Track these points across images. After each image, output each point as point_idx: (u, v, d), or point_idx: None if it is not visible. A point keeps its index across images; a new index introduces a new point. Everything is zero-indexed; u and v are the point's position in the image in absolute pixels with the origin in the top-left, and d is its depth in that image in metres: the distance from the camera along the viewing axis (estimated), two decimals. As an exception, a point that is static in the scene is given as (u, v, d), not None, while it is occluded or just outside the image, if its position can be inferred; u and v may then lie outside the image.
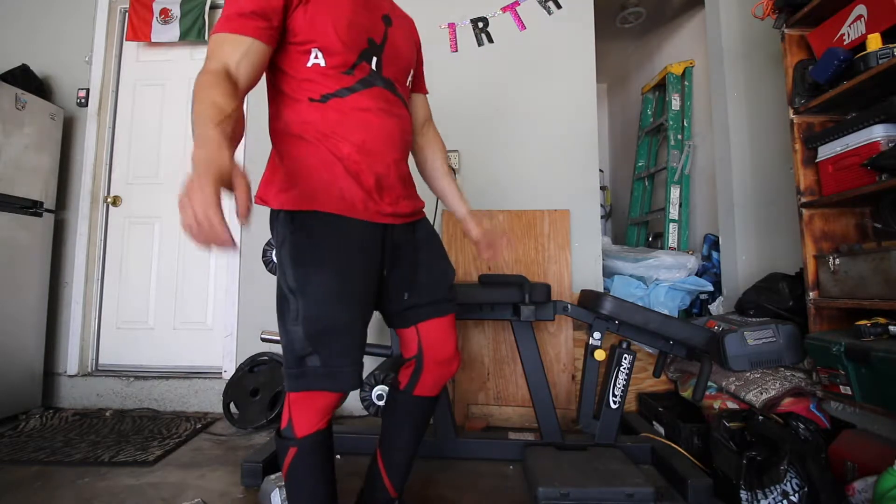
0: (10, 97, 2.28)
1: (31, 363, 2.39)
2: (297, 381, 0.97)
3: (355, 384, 0.99)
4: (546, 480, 1.41)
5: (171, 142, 2.76)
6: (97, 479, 1.64)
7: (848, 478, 1.36)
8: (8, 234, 2.27)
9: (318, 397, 0.99)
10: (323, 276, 0.96)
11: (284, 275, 0.98)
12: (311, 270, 0.96)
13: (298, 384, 0.97)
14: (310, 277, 0.96)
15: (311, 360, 0.96)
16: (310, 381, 0.97)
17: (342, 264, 0.98)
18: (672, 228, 3.11)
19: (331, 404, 1.01)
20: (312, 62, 0.98)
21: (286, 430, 1.00)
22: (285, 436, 1.01)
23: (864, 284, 1.49)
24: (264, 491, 1.41)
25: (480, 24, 2.61)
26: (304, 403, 0.99)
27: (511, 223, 2.38)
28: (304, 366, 0.97)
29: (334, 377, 0.97)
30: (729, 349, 1.65)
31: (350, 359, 0.98)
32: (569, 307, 1.82)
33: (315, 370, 0.96)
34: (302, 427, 0.99)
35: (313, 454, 1.01)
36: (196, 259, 2.68)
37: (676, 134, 3.22)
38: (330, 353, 0.96)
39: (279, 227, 1.00)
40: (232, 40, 0.90)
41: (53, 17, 2.79)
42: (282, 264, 0.99)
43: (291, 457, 1.00)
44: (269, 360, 2.39)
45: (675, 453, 1.66)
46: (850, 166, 1.56)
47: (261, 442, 1.98)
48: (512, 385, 2.23)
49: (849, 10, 1.59)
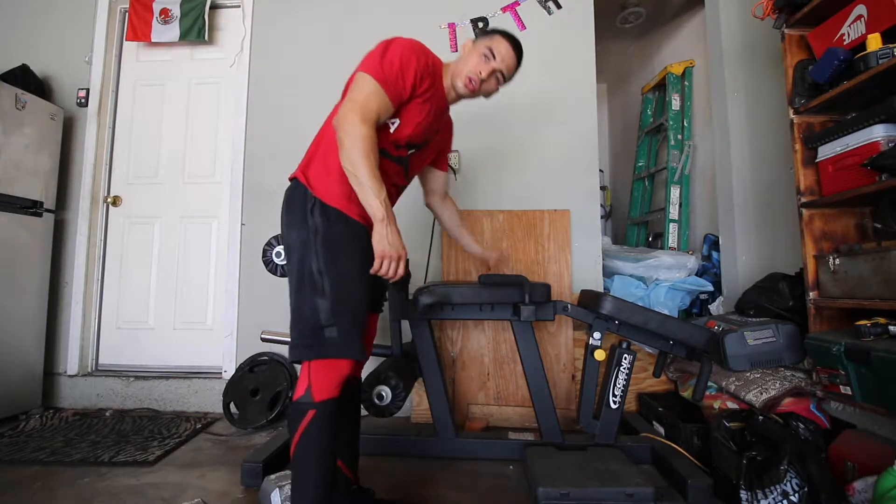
0: (10, 97, 2.28)
1: (31, 363, 2.39)
2: (317, 350, 1.14)
3: (362, 353, 1.20)
4: (546, 480, 1.41)
5: (171, 142, 2.76)
6: (97, 479, 1.64)
7: (848, 478, 1.36)
8: (8, 234, 2.27)
9: (335, 366, 1.15)
10: (348, 263, 1.18)
11: (315, 256, 1.16)
12: (339, 257, 1.18)
13: (320, 352, 1.14)
14: (338, 263, 1.17)
15: (328, 332, 1.14)
16: (328, 349, 1.14)
17: (360, 257, 1.20)
18: (672, 228, 3.11)
19: (344, 374, 1.17)
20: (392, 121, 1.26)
21: (304, 396, 1.13)
22: (303, 401, 1.13)
23: (864, 284, 1.49)
24: (264, 491, 1.41)
25: (480, 24, 2.61)
26: (324, 371, 1.14)
27: (511, 223, 2.38)
28: (321, 336, 1.14)
29: (347, 346, 1.15)
30: (729, 349, 1.65)
31: (358, 330, 1.18)
32: (569, 307, 1.82)
33: (332, 340, 1.14)
34: (320, 392, 1.13)
35: (328, 418, 1.14)
36: (196, 259, 2.68)
37: (676, 134, 3.22)
38: (345, 324, 1.15)
39: (315, 214, 1.19)
40: (382, 95, 1.17)
41: (54, 17, 2.79)
42: (309, 246, 1.17)
43: (309, 419, 1.12)
44: (269, 360, 2.39)
45: (675, 453, 1.66)
46: (850, 166, 1.56)
47: (261, 442, 1.98)
48: (512, 385, 2.23)
49: (849, 10, 1.59)
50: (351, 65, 1.25)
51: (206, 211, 2.70)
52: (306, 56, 2.67)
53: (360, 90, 1.16)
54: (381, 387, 1.60)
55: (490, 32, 1.38)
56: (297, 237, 1.19)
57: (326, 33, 2.67)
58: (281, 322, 2.35)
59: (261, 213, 2.59)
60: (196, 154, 2.75)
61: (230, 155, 2.67)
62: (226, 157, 2.70)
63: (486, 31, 1.40)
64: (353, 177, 1.12)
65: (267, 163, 2.62)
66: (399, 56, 1.19)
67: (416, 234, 2.32)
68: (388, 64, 1.18)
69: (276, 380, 2.30)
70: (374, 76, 1.16)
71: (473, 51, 1.35)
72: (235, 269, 2.57)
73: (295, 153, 2.58)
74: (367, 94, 1.15)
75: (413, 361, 1.86)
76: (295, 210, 1.21)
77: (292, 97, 2.65)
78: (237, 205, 2.61)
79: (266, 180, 2.60)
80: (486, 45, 1.34)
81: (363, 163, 1.11)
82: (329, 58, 2.65)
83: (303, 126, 2.64)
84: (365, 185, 1.11)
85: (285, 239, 1.23)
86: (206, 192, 2.71)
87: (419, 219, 2.19)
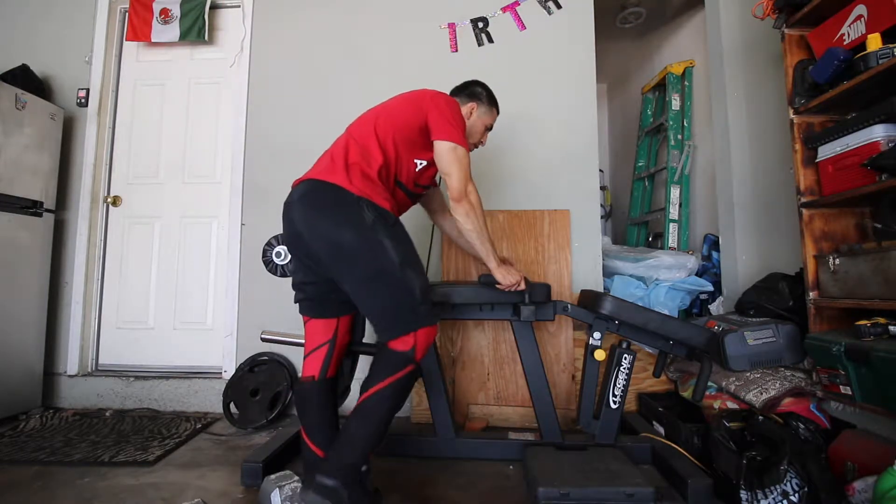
0: (10, 97, 2.28)
1: (31, 363, 2.39)
2: (421, 321, 1.34)
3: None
4: (546, 480, 1.41)
5: (171, 142, 2.76)
6: (97, 479, 1.64)
7: (848, 478, 1.36)
8: (8, 234, 2.27)
9: (432, 333, 1.38)
10: (411, 251, 1.41)
11: (389, 250, 1.33)
12: (408, 249, 1.40)
13: (424, 322, 1.35)
14: (409, 254, 1.39)
15: (423, 308, 1.35)
16: (429, 319, 1.36)
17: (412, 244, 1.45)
18: (672, 228, 3.11)
19: (433, 341, 1.43)
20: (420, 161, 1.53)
21: (409, 352, 1.32)
22: (408, 354, 1.32)
23: (864, 284, 1.49)
24: (264, 491, 1.41)
25: (480, 24, 2.62)
26: (427, 337, 1.36)
27: (511, 223, 2.38)
28: (419, 311, 1.34)
29: (435, 316, 1.41)
30: (729, 349, 1.65)
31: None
32: (569, 307, 1.82)
33: (427, 311, 1.36)
34: (422, 352, 1.35)
35: (415, 377, 1.35)
36: (196, 259, 2.68)
37: (676, 134, 3.22)
38: (429, 299, 1.38)
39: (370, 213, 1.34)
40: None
41: (54, 17, 2.79)
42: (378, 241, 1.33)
43: (406, 372, 1.31)
44: (269, 360, 2.39)
45: (675, 453, 1.66)
46: (850, 166, 1.56)
47: (261, 442, 1.98)
48: (512, 385, 2.23)
49: (849, 10, 1.59)
50: (351, 64, 1.26)
51: (206, 211, 2.70)
52: (306, 56, 2.67)
53: (461, 164, 1.45)
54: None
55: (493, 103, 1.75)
56: (355, 234, 1.31)
57: (326, 33, 2.67)
58: (281, 322, 2.35)
59: (261, 213, 2.59)
60: (196, 154, 2.75)
61: (230, 155, 2.67)
62: (226, 157, 2.70)
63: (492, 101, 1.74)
64: (475, 237, 1.50)
65: (267, 163, 2.62)
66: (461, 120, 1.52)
67: (416, 235, 2.31)
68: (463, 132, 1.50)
69: (276, 380, 2.30)
70: (465, 147, 1.48)
71: (479, 122, 1.71)
72: (235, 269, 2.57)
73: (295, 153, 2.61)
74: (465, 166, 1.46)
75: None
76: (342, 210, 1.33)
77: (292, 97, 2.65)
78: (237, 205, 2.61)
79: (266, 180, 2.61)
80: (489, 122, 1.75)
81: (485, 230, 1.51)
82: (329, 58, 2.65)
83: (302, 126, 2.66)
84: (486, 246, 1.53)
85: (332, 237, 1.32)
86: (206, 192, 2.71)
87: (419, 219, 2.19)
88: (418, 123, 1.46)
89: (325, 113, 2.62)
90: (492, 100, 1.74)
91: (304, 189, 1.40)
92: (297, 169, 2.68)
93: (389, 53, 2.63)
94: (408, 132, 1.46)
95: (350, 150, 1.42)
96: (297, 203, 1.38)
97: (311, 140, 2.64)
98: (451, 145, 1.43)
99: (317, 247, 1.34)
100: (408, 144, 1.48)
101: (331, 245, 1.32)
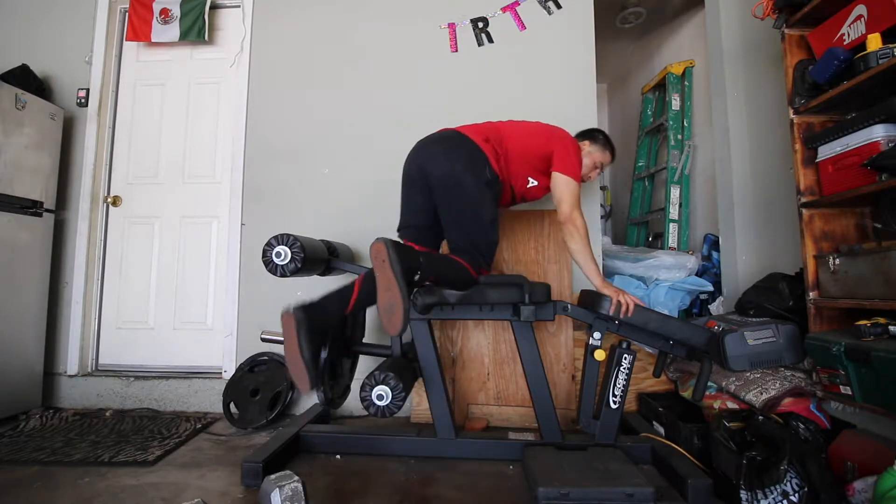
0: (10, 97, 2.28)
1: (31, 363, 2.39)
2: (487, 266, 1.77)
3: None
4: (546, 480, 1.41)
5: (171, 142, 2.76)
6: (97, 479, 1.64)
7: (848, 478, 1.36)
8: (8, 234, 2.27)
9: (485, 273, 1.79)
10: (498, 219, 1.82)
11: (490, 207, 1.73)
12: (497, 213, 1.80)
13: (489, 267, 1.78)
14: (497, 217, 1.79)
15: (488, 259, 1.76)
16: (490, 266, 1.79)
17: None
18: (672, 228, 3.11)
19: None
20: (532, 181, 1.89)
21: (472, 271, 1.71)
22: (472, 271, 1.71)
23: (864, 284, 1.49)
24: (264, 491, 1.41)
25: (480, 24, 2.62)
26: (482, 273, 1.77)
27: (511, 223, 2.38)
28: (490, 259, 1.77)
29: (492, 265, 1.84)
30: (729, 349, 1.65)
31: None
32: (569, 307, 1.82)
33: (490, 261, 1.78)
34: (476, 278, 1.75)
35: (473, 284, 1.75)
36: (196, 259, 2.68)
37: (676, 134, 3.22)
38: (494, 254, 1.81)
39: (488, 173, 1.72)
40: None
41: (53, 16, 2.79)
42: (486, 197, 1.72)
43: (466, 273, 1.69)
44: (268, 360, 2.38)
45: (675, 453, 1.65)
46: (850, 166, 1.56)
47: (261, 442, 1.98)
48: (512, 385, 2.23)
49: (849, 10, 1.59)
50: (351, 64, 1.26)
51: (206, 211, 2.70)
52: (306, 56, 2.67)
53: (573, 195, 1.76)
54: (381, 387, 1.59)
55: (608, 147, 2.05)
56: (474, 182, 1.68)
57: (326, 33, 2.67)
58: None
59: (261, 213, 2.59)
60: (196, 154, 2.75)
61: (230, 155, 2.67)
62: (226, 157, 2.70)
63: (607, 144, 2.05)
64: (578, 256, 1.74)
65: (267, 163, 2.62)
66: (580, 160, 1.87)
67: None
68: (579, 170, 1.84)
69: (276, 380, 2.30)
70: (578, 182, 1.80)
71: (589, 159, 1.99)
72: (235, 269, 2.57)
73: (295, 153, 2.61)
74: (577, 197, 1.77)
75: (413, 361, 1.86)
76: (473, 161, 1.71)
77: (292, 97, 2.65)
78: (237, 205, 2.61)
79: (266, 180, 2.61)
80: (600, 161, 2.03)
81: (587, 250, 1.73)
82: (329, 58, 2.65)
83: (303, 126, 2.66)
84: (589, 265, 1.73)
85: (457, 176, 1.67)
86: (206, 192, 2.71)
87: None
88: (544, 153, 1.82)
89: (325, 113, 2.62)
90: (607, 143, 2.05)
91: (449, 134, 1.79)
92: (297, 169, 2.69)
93: (389, 53, 2.63)
94: (533, 155, 1.84)
95: (490, 133, 1.80)
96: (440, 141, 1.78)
97: (311, 140, 2.66)
98: (567, 178, 1.77)
99: (441, 177, 1.69)
100: (529, 164, 1.85)
101: (455, 180, 1.67)
